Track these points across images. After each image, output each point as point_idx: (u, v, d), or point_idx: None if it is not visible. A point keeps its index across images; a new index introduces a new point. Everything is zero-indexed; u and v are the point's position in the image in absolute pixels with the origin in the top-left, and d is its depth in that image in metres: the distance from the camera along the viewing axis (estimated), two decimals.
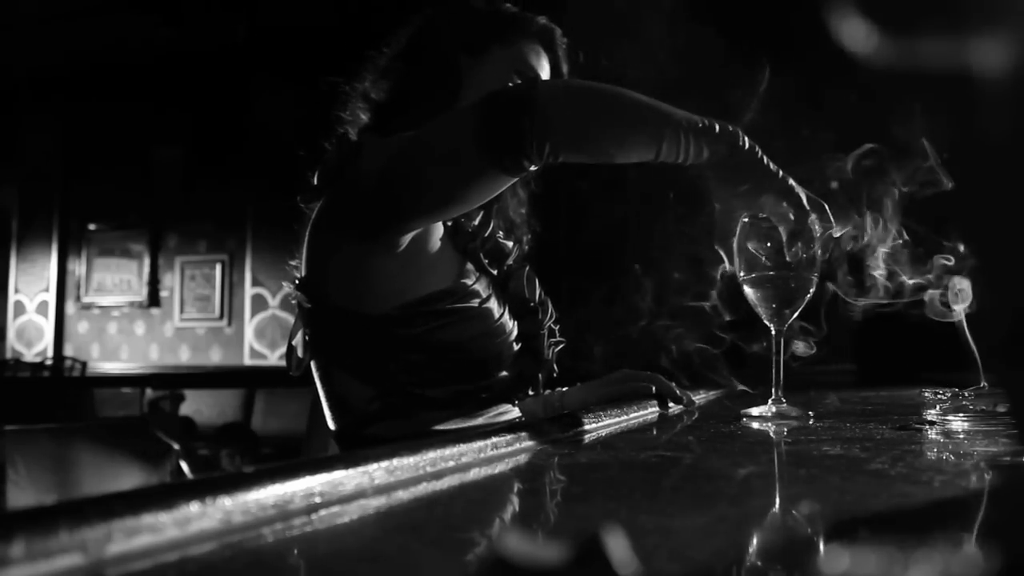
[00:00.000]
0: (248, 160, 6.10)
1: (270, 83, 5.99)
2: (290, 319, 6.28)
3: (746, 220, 0.91)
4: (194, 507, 0.37)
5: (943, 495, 0.51)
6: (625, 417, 0.96)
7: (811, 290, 0.91)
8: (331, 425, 1.05)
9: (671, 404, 1.14)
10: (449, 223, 1.07)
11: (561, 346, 1.16)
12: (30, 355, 6.77)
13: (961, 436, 0.77)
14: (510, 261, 1.15)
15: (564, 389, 1.23)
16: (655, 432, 0.94)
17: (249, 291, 6.21)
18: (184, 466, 2.88)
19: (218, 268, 6.35)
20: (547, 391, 1.22)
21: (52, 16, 5.69)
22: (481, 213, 1.12)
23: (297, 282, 1.04)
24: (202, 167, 6.32)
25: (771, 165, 0.88)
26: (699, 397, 1.26)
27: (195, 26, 5.60)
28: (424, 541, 0.40)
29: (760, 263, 0.91)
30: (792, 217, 0.87)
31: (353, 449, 1.02)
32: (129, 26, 5.77)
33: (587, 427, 0.84)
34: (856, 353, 2.63)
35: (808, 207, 0.88)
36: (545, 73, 1.14)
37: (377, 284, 0.97)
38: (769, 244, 0.90)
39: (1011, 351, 0.26)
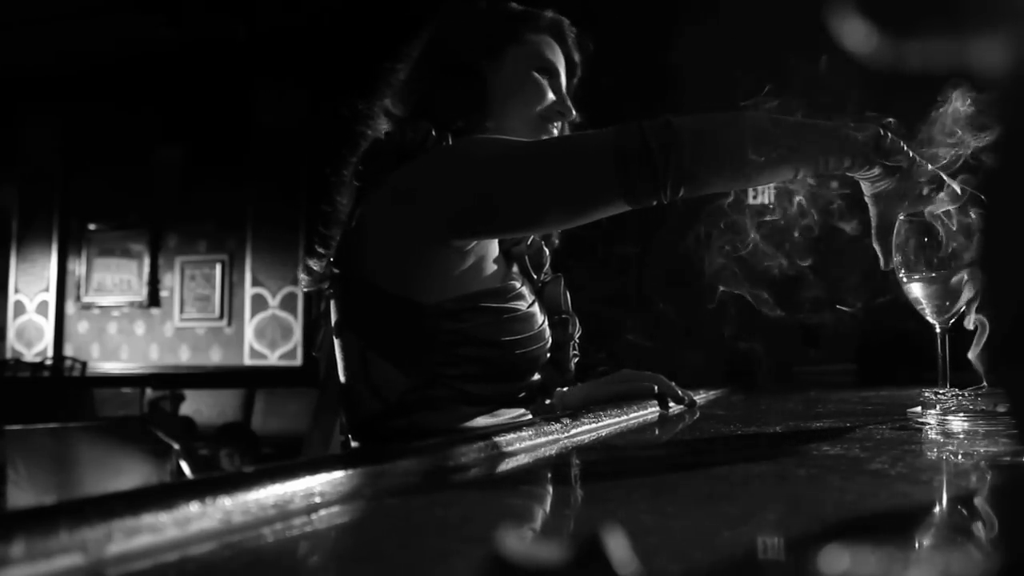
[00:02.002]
0: (248, 160, 6.10)
1: (270, 83, 6.00)
2: (290, 319, 6.27)
3: (903, 219, 0.91)
4: (194, 507, 0.37)
5: (943, 495, 0.51)
6: (625, 417, 0.96)
7: (976, 285, 0.89)
8: (352, 414, 1.03)
9: (672, 404, 1.14)
10: None
11: (577, 359, 1.16)
12: (30, 355, 6.76)
13: (961, 436, 0.77)
14: (547, 268, 1.16)
15: (564, 389, 1.23)
16: (655, 432, 0.94)
17: (249, 291, 6.21)
18: (184, 466, 2.88)
19: (218, 268, 6.35)
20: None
21: (52, 16, 5.69)
22: None
23: (334, 258, 1.04)
24: (202, 167, 6.32)
25: (917, 159, 0.88)
26: (700, 397, 1.26)
27: (196, 26, 5.60)
28: (424, 541, 0.40)
29: (921, 262, 0.90)
30: (950, 210, 0.88)
31: (371, 442, 1.02)
32: (130, 26, 5.77)
33: (587, 427, 0.83)
34: (856, 353, 2.63)
35: (962, 196, 0.88)
36: (561, 65, 1.15)
37: (434, 274, 0.96)
38: (928, 241, 0.89)
39: (1012, 351, 0.26)
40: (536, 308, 1.04)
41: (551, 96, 1.11)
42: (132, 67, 6.38)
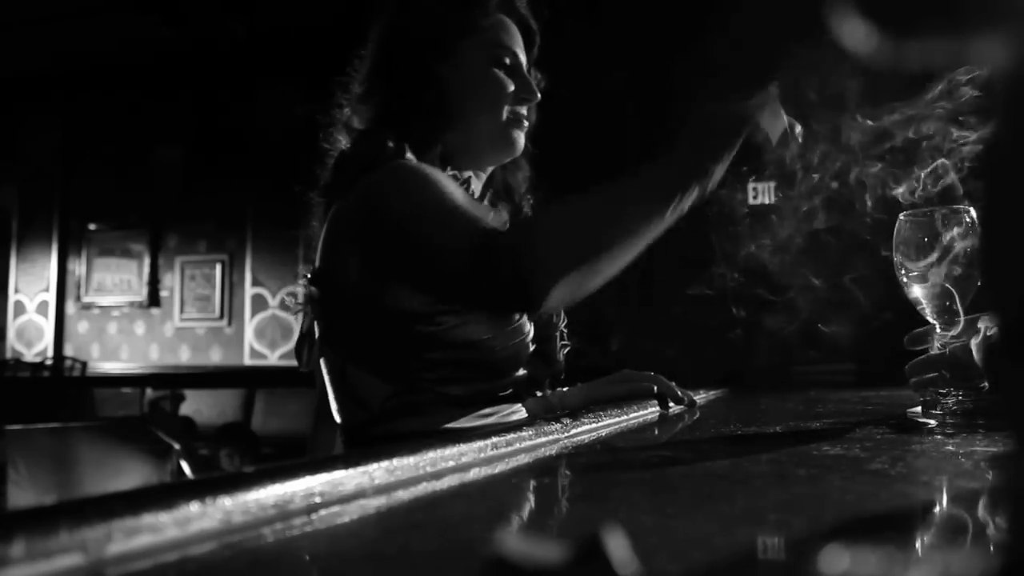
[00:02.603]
0: (248, 160, 6.10)
1: (270, 83, 5.99)
2: (290, 319, 6.27)
3: (903, 217, 0.90)
4: (194, 507, 0.37)
5: (943, 495, 0.51)
6: (625, 417, 0.96)
7: (977, 284, 0.87)
8: (342, 427, 1.04)
9: (671, 404, 1.14)
10: None
11: (568, 349, 1.16)
12: (30, 355, 6.76)
13: (961, 436, 0.76)
14: None
15: (564, 389, 1.23)
16: (655, 432, 0.94)
17: (249, 291, 6.21)
18: (184, 466, 2.88)
19: (218, 268, 6.35)
20: (548, 391, 1.22)
21: (53, 16, 5.69)
22: (494, 210, 1.11)
23: (310, 276, 1.04)
24: (202, 167, 6.32)
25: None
26: (700, 397, 1.26)
27: (195, 26, 5.60)
28: (424, 541, 0.40)
29: (921, 262, 0.89)
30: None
31: (358, 448, 1.02)
32: (130, 26, 5.77)
33: (587, 427, 0.83)
34: (856, 353, 2.62)
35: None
36: (519, 45, 1.11)
37: (401, 282, 0.97)
38: (927, 240, 0.88)
39: (1012, 349, 0.26)
40: None
41: (511, 88, 1.08)
42: (132, 67, 6.38)
